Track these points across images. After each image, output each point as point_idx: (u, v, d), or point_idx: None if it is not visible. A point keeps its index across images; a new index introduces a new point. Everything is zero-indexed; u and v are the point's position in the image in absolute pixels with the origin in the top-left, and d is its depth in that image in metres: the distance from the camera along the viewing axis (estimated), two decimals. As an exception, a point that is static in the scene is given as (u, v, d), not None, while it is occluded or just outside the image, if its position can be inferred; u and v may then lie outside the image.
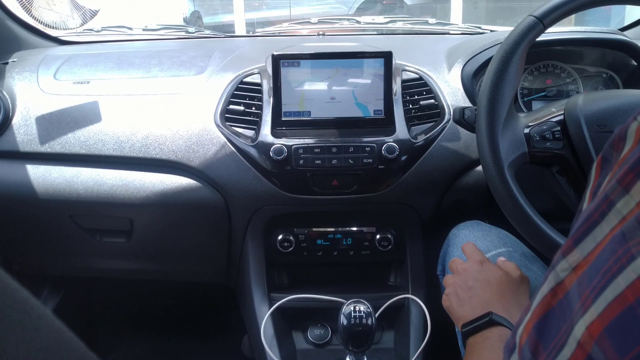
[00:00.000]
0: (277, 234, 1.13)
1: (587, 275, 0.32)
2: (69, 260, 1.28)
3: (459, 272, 0.83)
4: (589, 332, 0.30)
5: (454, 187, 1.09)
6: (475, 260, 0.83)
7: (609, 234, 0.32)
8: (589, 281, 0.31)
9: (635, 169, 0.31)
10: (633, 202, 0.31)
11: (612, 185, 0.32)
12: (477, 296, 0.77)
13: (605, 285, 0.30)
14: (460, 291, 0.80)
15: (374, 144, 1.03)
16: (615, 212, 0.32)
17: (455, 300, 0.80)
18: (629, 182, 0.31)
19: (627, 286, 0.29)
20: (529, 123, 0.88)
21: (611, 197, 0.32)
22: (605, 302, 0.29)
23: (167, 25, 1.64)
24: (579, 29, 1.18)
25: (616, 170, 0.33)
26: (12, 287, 0.32)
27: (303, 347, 1.11)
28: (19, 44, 1.36)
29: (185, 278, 1.37)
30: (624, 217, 0.31)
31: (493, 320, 0.70)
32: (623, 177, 0.32)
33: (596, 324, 0.30)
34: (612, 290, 0.29)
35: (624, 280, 0.29)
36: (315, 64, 1.03)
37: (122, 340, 1.57)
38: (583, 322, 0.31)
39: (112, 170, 1.10)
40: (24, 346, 0.30)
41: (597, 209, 0.33)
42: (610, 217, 0.32)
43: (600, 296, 0.30)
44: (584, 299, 0.31)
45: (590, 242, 0.33)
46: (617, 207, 0.32)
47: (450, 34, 1.51)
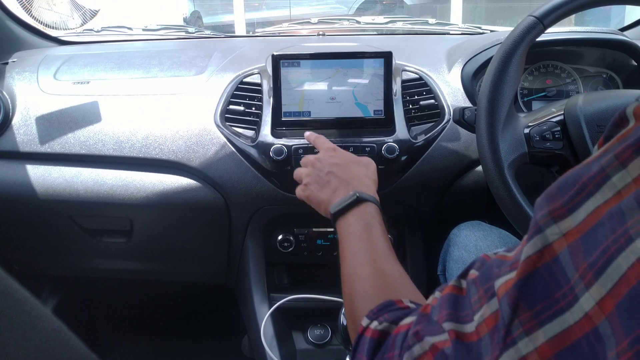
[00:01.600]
0: (277, 234, 1.13)
1: (582, 246, 0.32)
2: (69, 260, 1.28)
3: (313, 162, 0.86)
4: (600, 307, 0.30)
5: (454, 187, 1.09)
6: (327, 149, 0.88)
7: (603, 205, 0.32)
8: (585, 254, 0.32)
9: (635, 145, 0.31)
10: (629, 177, 0.31)
11: (609, 159, 0.33)
12: (336, 179, 0.81)
13: (606, 263, 0.30)
14: (319, 178, 0.83)
15: (374, 144, 1.03)
16: (610, 186, 0.32)
17: (315, 187, 0.83)
18: (626, 157, 0.32)
19: (629, 268, 0.29)
20: (529, 123, 0.88)
21: (607, 170, 0.32)
22: (612, 282, 0.30)
23: (167, 26, 1.64)
24: (579, 29, 1.18)
25: (615, 144, 0.33)
26: (12, 287, 0.32)
27: (303, 347, 1.11)
28: (19, 44, 1.36)
29: (185, 278, 1.37)
30: (619, 191, 0.31)
31: (360, 197, 0.74)
32: (621, 152, 0.32)
33: (607, 300, 0.30)
34: (614, 270, 0.30)
35: (624, 261, 0.30)
36: (315, 64, 1.03)
37: (122, 340, 1.57)
38: (589, 296, 0.31)
39: (112, 170, 1.10)
40: (24, 346, 0.30)
41: (592, 181, 0.33)
42: (605, 190, 0.32)
43: (603, 274, 0.30)
44: (582, 272, 0.32)
45: (582, 212, 0.33)
46: (613, 180, 0.32)
47: (450, 34, 1.51)
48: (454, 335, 0.41)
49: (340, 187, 0.79)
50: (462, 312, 0.42)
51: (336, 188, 0.79)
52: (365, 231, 0.70)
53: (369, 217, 0.72)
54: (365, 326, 0.53)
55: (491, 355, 0.37)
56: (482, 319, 0.39)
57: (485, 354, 0.38)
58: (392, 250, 0.68)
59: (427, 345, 0.43)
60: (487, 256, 0.44)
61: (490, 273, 0.41)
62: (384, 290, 0.60)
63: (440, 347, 0.42)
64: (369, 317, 0.54)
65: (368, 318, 0.54)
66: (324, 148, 0.89)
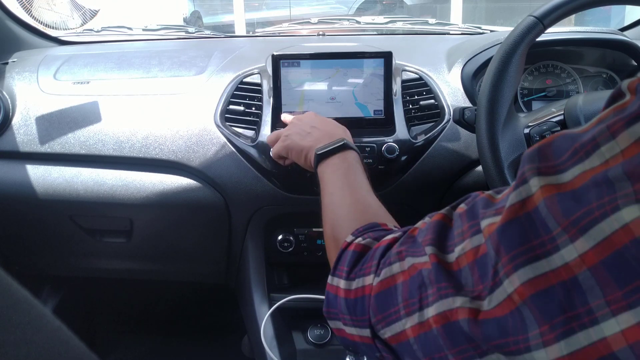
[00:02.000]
0: (277, 234, 1.13)
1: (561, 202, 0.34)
2: (69, 260, 1.28)
3: (293, 120, 0.91)
4: (582, 259, 0.33)
5: (454, 187, 1.09)
6: (307, 113, 0.93)
7: (589, 171, 0.33)
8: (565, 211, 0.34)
9: (627, 118, 0.32)
10: (618, 148, 0.32)
11: (601, 128, 0.34)
12: (318, 131, 0.84)
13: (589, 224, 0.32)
14: (301, 130, 0.86)
15: (374, 144, 1.03)
16: (599, 154, 0.33)
17: (296, 137, 0.85)
18: (617, 129, 0.33)
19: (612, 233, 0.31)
20: (529, 123, 0.88)
21: (598, 139, 0.34)
22: (595, 240, 0.32)
23: (167, 26, 1.64)
24: (579, 29, 1.18)
25: (610, 115, 0.34)
26: (12, 287, 0.32)
27: (303, 347, 1.11)
28: (19, 44, 1.36)
29: (185, 278, 1.37)
30: (606, 160, 0.33)
31: (346, 144, 0.77)
32: (613, 124, 0.33)
33: (591, 254, 0.32)
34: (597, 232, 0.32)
35: (607, 227, 0.31)
36: (315, 64, 1.03)
37: (122, 340, 1.57)
38: (574, 248, 0.33)
39: (112, 170, 1.10)
40: (24, 346, 0.30)
41: (583, 148, 0.34)
42: (594, 157, 0.33)
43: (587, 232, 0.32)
44: (565, 226, 0.33)
45: (569, 175, 0.34)
46: (602, 150, 0.33)
47: (450, 34, 1.51)
48: (435, 259, 0.43)
49: (323, 137, 0.81)
50: (446, 242, 0.44)
51: (319, 138, 0.82)
52: (348, 170, 0.73)
53: (353, 161, 0.75)
54: (349, 242, 0.56)
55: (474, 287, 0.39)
56: (463, 252, 0.41)
57: (465, 284, 0.40)
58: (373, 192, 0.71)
59: (407, 265, 0.46)
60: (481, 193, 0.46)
61: (476, 211, 0.43)
62: (367, 216, 0.63)
63: (419, 268, 0.45)
64: (353, 235, 0.57)
65: (353, 235, 0.57)
66: (305, 114, 0.93)
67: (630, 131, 0.32)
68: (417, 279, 0.44)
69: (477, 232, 0.41)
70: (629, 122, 0.32)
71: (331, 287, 0.56)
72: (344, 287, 0.53)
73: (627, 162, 0.32)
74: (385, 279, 0.47)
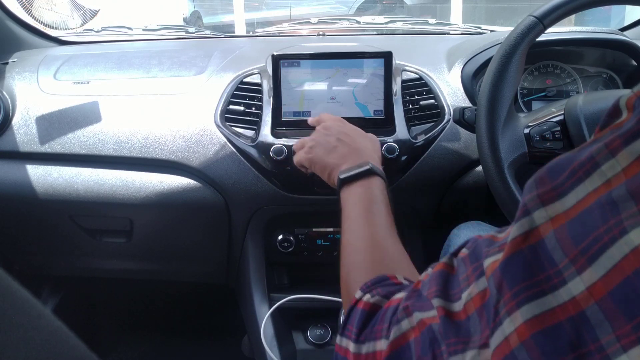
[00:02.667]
0: (277, 234, 1.13)
1: (569, 231, 0.33)
2: (69, 260, 1.28)
3: (319, 129, 0.85)
4: (590, 292, 0.31)
5: (454, 187, 1.09)
6: (334, 119, 0.88)
7: (592, 193, 0.32)
8: (574, 239, 0.32)
9: (624, 135, 0.32)
10: (619, 167, 0.31)
11: (599, 147, 0.33)
12: (346, 146, 0.79)
13: (599, 252, 0.31)
14: (326, 142, 0.81)
15: (374, 144, 1.03)
16: (600, 174, 0.32)
17: (321, 150, 0.80)
18: (615, 147, 0.32)
19: (622, 258, 0.30)
20: (529, 123, 0.88)
21: (596, 158, 0.33)
22: (605, 269, 0.30)
23: (167, 26, 1.64)
24: (579, 29, 1.18)
25: (607, 133, 0.33)
26: (12, 287, 0.32)
27: (303, 347, 1.11)
28: (19, 44, 1.36)
29: (186, 278, 1.37)
30: (608, 180, 0.32)
31: (372, 170, 0.73)
32: (611, 141, 0.32)
33: (599, 286, 0.30)
34: (607, 259, 0.30)
35: (617, 252, 0.30)
36: (315, 64, 1.03)
37: (122, 340, 1.57)
38: (581, 280, 0.31)
39: (112, 170, 1.10)
40: (24, 346, 0.30)
41: (582, 167, 0.33)
42: (594, 177, 0.32)
43: (596, 261, 0.31)
44: (574, 257, 0.32)
45: (572, 197, 0.33)
46: (602, 169, 0.32)
47: (450, 34, 1.51)
48: (442, 312, 0.41)
49: (350, 155, 0.77)
50: (451, 290, 0.42)
51: (345, 155, 0.77)
52: (370, 203, 0.69)
53: (377, 190, 0.71)
54: (358, 298, 0.53)
55: (481, 334, 0.37)
56: (470, 297, 0.39)
57: (474, 333, 0.38)
58: (394, 227, 0.67)
59: (415, 321, 0.44)
60: (480, 236, 0.44)
61: (479, 252, 0.41)
62: (380, 265, 0.60)
63: (428, 323, 0.42)
64: (362, 290, 0.54)
65: (361, 291, 0.54)
66: (332, 119, 0.88)
67: (629, 149, 0.31)
68: (427, 335, 0.42)
69: (482, 274, 0.39)
70: (627, 140, 0.32)
71: (340, 349, 0.52)
72: (354, 351, 0.49)
73: (629, 181, 0.31)
74: (396, 338, 0.45)
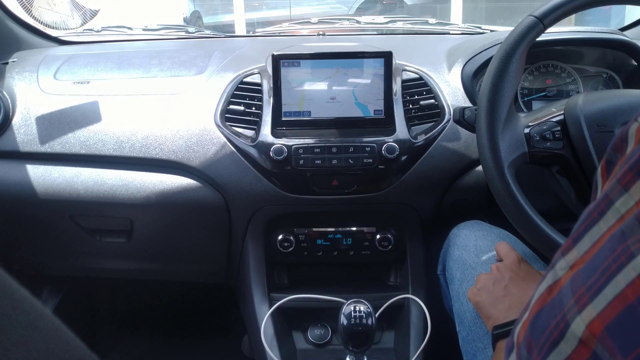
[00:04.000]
0: (277, 234, 1.13)
1: (583, 273, 0.32)
2: (69, 260, 1.28)
3: (493, 270, 0.80)
4: (590, 330, 0.30)
5: (454, 187, 1.09)
6: (513, 260, 0.80)
7: (607, 232, 0.31)
8: (584, 279, 0.31)
9: (635, 168, 0.31)
10: (632, 201, 0.31)
11: (612, 184, 0.32)
12: (512, 296, 0.74)
13: (604, 283, 0.30)
14: (495, 289, 0.76)
15: (374, 144, 1.03)
16: (614, 211, 0.31)
17: (487, 297, 0.76)
18: (628, 181, 0.31)
19: (627, 285, 0.29)
20: (529, 123, 0.88)
21: (610, 195, 0.32)
22: (606, 301, 0.29)
23: (167, 25, 1.64)
24: (579, 29, 1.18)
25: (617, 169, 0.33)
26: (12, 287, 0.32)
27: (303, 347, 1.11)
28: (19, 44, 1.36)
29: (186, 278, 1.37)
30: (622, 216, 0.31)
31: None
32: (623, 176, 0.32)
33: (597, 322, 0.29)
34: (611, 288, 0.29)
35: (623, 278, 0.29)
36: (315, 64, 1.03)
37: (122, 340, 1.57)
38: (581, 319, 0.30)
39: (112, 170, 1.10)
40: (24, 346, 0.30)
41: (596, 208, 0.33)
42: (609, 215, 0.32)
43: (599, 295, 0.30)
44: (578, 296, 0.31)
45: (587, 241, 0.33)
46: (616, 205, 0.31)
47: (450, 34, 1.51)
48: None
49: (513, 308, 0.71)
50: None
51: (509, 307, 0.72)
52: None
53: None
54: None
55: None
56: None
57: None
58: None
59: None
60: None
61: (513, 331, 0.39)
62: None
63: None
64: None
65: None
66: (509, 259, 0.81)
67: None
68: None
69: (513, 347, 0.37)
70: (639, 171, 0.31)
71: None
72: None
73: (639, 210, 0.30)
74: None
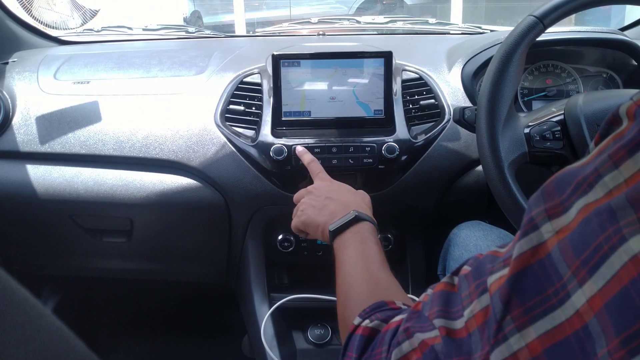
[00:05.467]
0: (277, 234, 1.13)
1: (571, 242, 0.33)
2: (69, 260, 1.28)
3: (309, 190, 0.88)
4: (590, 305, 0.31)
5: (454, 187, 1.09)
6: (322, 178, 0.91)
7: (592, 203, 0.32)
8: (576, 251, 0.32)
9: (628, 146, 0.32)
10: (622, 177, 0.31)
11: (603, 158, 0.33)
12: (334, 203, 0.81)
13: (600, 261, 0.31)
14: (316, 203, 0.84)
15: (374, 144, 1.03)
16: (602, 185, 0.32)
17: (311, 211, 0.83)
18: (619, 158, 0.32)
19: (621, 267, 0.30)
20: (529, 123, 0.88)
21: (600, 170, 0.33)
22: (604, 280, 0.30)
23: (167, 25, 1.64)
24: (579, 29, 1.18)
25: (610, 144, 0.33)
26: (12, 287, 0.32)
27: (303, 347, 1.11)
28: (19, 44, 1.36)
29: (186, 278, 1.37)
30: (610, 191, 0.32)
31: (358, 216, 0.75)
32: (615, 152, 0.32)
33: (597, 298, 0.30)
34: (607, 268, 0.30)
35: (617, 260, 0.30)
36: (315, 64, 1.03)
37: (122, 340, 1.57)
38: (582, 293, 0.31)
39: (112, 170, 1.10)
40: (24, 346, 0.30)
41: (586, 180, 0.33)
42: (597, 189, 0.32)
43: (596, 272, 0.31)
44: (575, 269, 0.32)
45: (574, 210, 0.33)
46: (605, 180, 0.32)
47: (450, 34, 1.51)
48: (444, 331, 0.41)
49: (339, 210, 0.79)
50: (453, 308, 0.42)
51: (334, 211, 0.79)
52: (360, 244, 0.71)
53: (366, 233, 0.73)
54: (356, 325, 0.53)
55: (481, 350, 0.37)
56: (472, 314, 0.39)
57: (475, 350, 0.38)
58: (386, 264, 0.69)
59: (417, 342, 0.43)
60: (480, 255, 0.44)
61: (482, 269, 0.41)
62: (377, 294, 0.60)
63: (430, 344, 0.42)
64: (360, 317, 0.54)
65: (360, 317, 0.54)
66: (320, 177, 0.91)
67: (634, 159, 0.31)
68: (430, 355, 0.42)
69: (485, 291, 0.39)
70: (631, 150, 0.31)
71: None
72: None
73: (630, 189, 0.30)
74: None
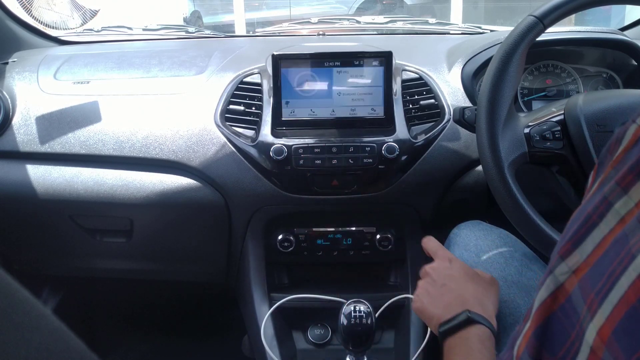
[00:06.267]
0: (277, 234, 1.13)
1: (590, 278, 0.32)
2: (69, 260, 1.28)
3: (427, 272, 0.81)
4: (600, 337, 0.30)
5: (454, 186, 1.09)
6: (443, 258, 0.82)
7: (608, 235, 0.31)
8: (592, 284, 0.31)
9: (635, 169, 0.31)
10: (632, 202, 0.30)
11: (611, 186, 0.32)
12: (449, 292, 0.75)
13: (610, 287, 0.30)
14: (432, 289, 0.77)
15: (374, 144, 1.03)
16: (614, 213, 0.31)
17: (427, 299, 0.76)
18: (628, 183, 0.31)
19: (629, 286, 0.29)
20: (529, 123, 0.88)
21: (609, 198, 0.32)
22: (611, 305, 0.29)
23: (167, 25, 1.64)
24: (579, 29, 1.18)
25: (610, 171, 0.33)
26: (12, 287, 0.32)
27: (303, 347, 1.11)
28: (19, 44, 1.36)
29: (186, 278, 1.37)
30: (622, 218, 0.31)
31: (470, 318, 0.68)
32: (622, 178, 0.31)
33: (605, 327, 0.29)
34: (616, 292, 0.29)
35: (626, 280, 0.29)
36: (315, 64, 1.03)
37: (122, 340, 1.57)
38: (593, 326, 0.30)
39: (112, 170, 1.10)
40: (24, 346, 0.30)
41: (595, 211, 0.32)
42: (609, 218, 0.31)
43: (606, 299, 0.30)
44: (590, 303, 0.31)
45: (589, 244, 0.32)
46: (616, 207, 0.31)
47: (450, 34, 1.51)
48: None
49: (454, 303, 0.72)
50: None
51: (449, 303, 0.72)
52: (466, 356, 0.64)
53: (475, 341, 0.65)
54: None
55: None
56: None
57: None
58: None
59: None
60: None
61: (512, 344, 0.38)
62: None
63: None
64: None
65: None
66: (439, 257, 0.83)
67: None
68: None
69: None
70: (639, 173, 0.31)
71: None
72: None
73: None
74: None
